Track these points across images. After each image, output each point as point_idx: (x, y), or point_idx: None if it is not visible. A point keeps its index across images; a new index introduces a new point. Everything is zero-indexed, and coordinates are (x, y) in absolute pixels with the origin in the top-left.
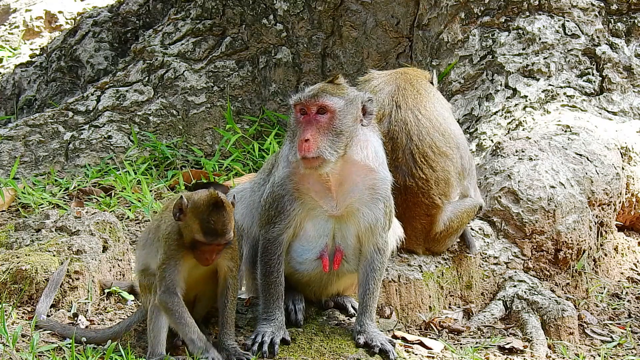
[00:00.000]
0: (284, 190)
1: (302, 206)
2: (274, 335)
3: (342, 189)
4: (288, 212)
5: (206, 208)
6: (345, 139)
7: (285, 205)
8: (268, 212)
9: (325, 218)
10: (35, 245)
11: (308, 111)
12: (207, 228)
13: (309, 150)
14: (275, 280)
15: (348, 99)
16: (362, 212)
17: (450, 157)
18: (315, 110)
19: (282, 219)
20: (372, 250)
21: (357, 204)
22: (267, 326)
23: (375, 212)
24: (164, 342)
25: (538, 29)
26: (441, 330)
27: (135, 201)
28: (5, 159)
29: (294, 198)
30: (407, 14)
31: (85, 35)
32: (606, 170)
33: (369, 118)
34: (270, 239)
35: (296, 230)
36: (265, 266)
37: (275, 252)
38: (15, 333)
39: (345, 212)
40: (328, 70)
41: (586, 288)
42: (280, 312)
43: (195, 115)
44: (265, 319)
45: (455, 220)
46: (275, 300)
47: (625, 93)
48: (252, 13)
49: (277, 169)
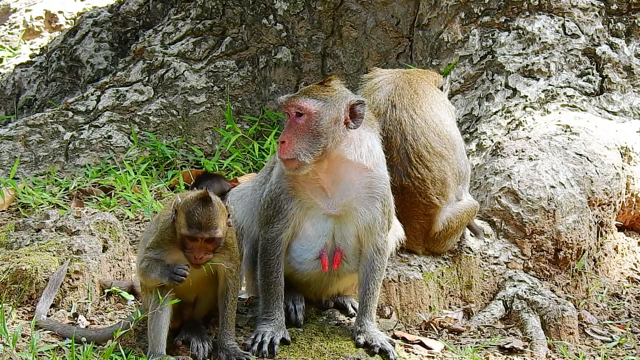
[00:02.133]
0: (280, 188)
1: (299, 205)
2: (273, 335)
3: (337, 187)
4: (286, 211)
5: (193, 202)
6: (325, 140)
7: (283, 204)
8: (267, 211)
9: (324, 218)
10: (35, 245)
11: (289, 113)
12: (191, 220)
13: (283, 152)
14: (275, 280)
15: (330, 101)
16: (359, 211)
17: (446, 157)
18: (294, 112)
19: (280, 219)
20: (372, 251)
21: (354, 203)
22: (267, 326)
23: (373, 211)
24: (164, 342)
25: (538, 29)
26: (441, 330)
27: (135, 201)
28: (5, 159)
29: (291, 197)
30: (407, 14)
31: (85, 35)
32: (606, 170)
33: (358, 121)
34: (269, 239)
35: (295, 230)
36: (265, 266)
37: (274, 252)
38: (15, 333)
39: (343, 212)
40: (328, 70)
41: (586, 288)
42: (280, 311)
43: (195, 115)
44: (265, 319)
45: (454, 221)
46: (275, 300)
47: (625, 93)
48: (252, 13)
49: (275, 168)
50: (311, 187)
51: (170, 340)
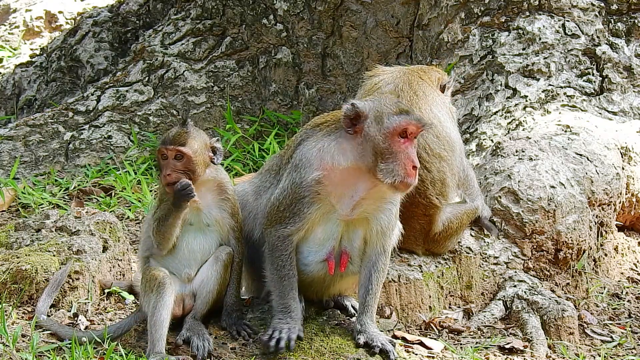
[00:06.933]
0: (308, 192)
1: (318, 210)
2: (290, 332)
3: (359, 194)
4: (304, 214)
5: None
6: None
7: (303, 208)
8: (282, 212)
9: (336, 222)
10: (35, 245)
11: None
12: (162, 137)
13: (415, 177)
14: (289, 273)
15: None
16: (375, 216)
17: (445, 158)
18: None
19: (295, 221)
20: (379, 252)
21: (372, 209)
22: (284, 321)
23: (387, 214)
24: (164, 339)
25: (538, 29)
26: (441, 330)
27: (135, 201)
28: (5, 159)
29: (313, 202)
30: (407, 14)
31: (85, 35)
32: (606, 170)
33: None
34: (280, 237)
35: (307, 233)
36: (276, 261)
37: (286, 249)
38: (15, 333)
39: (359, 217)
40: (328, 70)
41: (586, 288)
42: (295, 302)
43: (195, 115)
44: (281, 312)
45: (454, 222)
46: (289, 290)
47: (625, 93)
48: (252, 13)
49: (299, 171)
50: (339, 193)
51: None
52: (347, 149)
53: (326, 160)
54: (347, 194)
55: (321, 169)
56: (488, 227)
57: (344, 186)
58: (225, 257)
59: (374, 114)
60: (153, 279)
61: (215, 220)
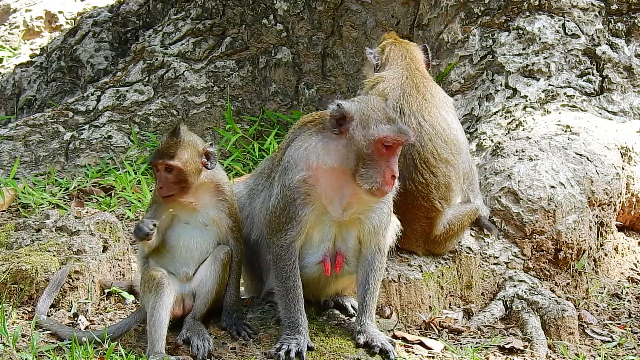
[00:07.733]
0: (297, 193)
1: (312, 212)
2: (299, 346)
3: (349, 195)
4: (300, 217)
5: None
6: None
7: (298, 210)
8: (279, 218)
9: (329, 223)
10: (35, 245)
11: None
12: (155, 150)
13: (391, 185)
14: (294, 285)
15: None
16: (366, 216)
17: (452, 162)
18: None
19: (294, 225)
20: (374, 251)
21: (363, 209)
22: (292, 336)
23: (379, 214)
24: (164, 338)
25: (538, 29)
26: (441, 330)
27: (135, 201)
28: (5, 159)
29: (305, 203)
30: (407, 14)
31: (85, 35)
32: (606, 170)
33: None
34: (283, 246)
35: (306, 237)
36: (281, 272)
37: (290, 258)
38: (15, 333)
39: (350, 218)
40: (328, 70)
41: (586, 288)
42: (302, 315)
43: (195, 115)
44: (288, 326)
45: (455, 223)
46: (295, 303)
47: (625, 93)
48: (252, 13)
49: (287, 172)
50: (329, 194)
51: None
52: (332, 149)
53: (312, 160)
54: (335, 196)
55: (307, 168)
56: (488, 227)
57: (332, 187)
58: (223, 256)
59: (360, 117)
60: (151, 280)
61: (213, 220)
